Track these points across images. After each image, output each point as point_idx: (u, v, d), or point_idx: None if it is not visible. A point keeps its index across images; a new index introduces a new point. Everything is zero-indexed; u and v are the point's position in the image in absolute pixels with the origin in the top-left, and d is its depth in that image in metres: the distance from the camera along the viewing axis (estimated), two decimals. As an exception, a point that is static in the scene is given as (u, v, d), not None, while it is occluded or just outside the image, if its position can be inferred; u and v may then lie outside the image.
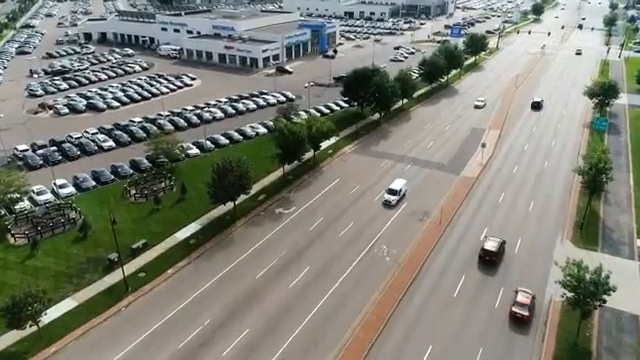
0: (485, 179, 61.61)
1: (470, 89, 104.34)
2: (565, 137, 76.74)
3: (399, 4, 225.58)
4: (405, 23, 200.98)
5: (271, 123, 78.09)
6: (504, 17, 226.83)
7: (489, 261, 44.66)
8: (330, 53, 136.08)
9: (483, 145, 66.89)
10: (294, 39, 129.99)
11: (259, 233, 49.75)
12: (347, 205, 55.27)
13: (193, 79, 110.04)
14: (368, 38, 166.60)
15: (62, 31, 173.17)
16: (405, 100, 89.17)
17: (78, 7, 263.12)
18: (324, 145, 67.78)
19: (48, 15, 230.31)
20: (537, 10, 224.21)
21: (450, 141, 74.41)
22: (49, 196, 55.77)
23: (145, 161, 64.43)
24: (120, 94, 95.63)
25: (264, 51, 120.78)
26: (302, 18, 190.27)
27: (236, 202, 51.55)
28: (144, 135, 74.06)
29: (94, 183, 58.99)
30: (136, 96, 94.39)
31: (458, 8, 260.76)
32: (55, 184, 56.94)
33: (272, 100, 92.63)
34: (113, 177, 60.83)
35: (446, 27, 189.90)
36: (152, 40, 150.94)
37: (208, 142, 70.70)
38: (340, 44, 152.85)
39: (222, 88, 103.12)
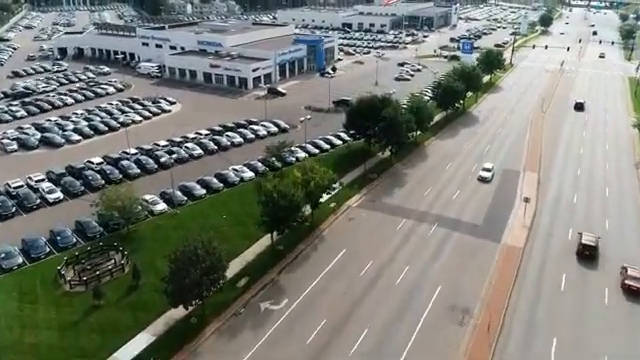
0: (535, 249, 47.47)
1: (491, 115, 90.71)
2: (619, 180, 63.27)
3: (400, 15, 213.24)
4: (407, 35, 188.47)
5: (260, 165, 64.34)
6: (510, 28, 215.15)
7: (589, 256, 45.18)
8: (328, 71, 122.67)
9: (526, 200, 52.95)
10: (288, 56, 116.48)
11: (236, 347, 35.42)
12: (358, 296, 40.78)
13: (172, 103, 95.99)
14: (369, 53, 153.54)
15: (38, 45, 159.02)
16: (419, 132, 75.51)
17: (61, 18, 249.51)
18: (325, 197, 53.79)
19: (28, 27, 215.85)
20: (545, 21, 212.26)
21: (480, 189, 60.42)
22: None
23: (94, 223, 49.95)
24: (83, 124, 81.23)
25: (254, 70, 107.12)
26: (297, 31, 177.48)
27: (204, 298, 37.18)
28: (102, 182, 59.92)
29: (21, 260, 44.60)
30: (102, 127, 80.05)
31: (460, 19, 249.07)
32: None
33: (262, 132, 78.61)
34: (49, 249, 46.54)
35: (452, 40, 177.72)
36: (132, 56, 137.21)
37: (178, 193, 56.47)
38: (339, 60, 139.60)
39: (205, 114, 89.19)
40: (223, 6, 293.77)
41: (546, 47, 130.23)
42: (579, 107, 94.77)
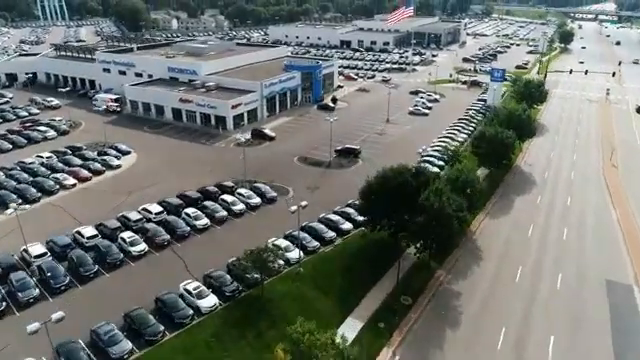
0: None
1: (547, 172, 67.78)
2: None
3: (404, 32, 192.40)
4: (414, 54, 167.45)
5: (230, 282, 41.27)
6: (525, 46, 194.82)
7: None
8: (327, 103, 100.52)
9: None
10: (278, 86, 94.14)
11: None
12: None
13: (125, 153, 73.18)
14: (373, 77, 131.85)
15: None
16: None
17: (32, 35, 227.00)
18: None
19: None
20: (565, 38, 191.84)
21: (585, 326, 37.59)
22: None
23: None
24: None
25: (235, 106, 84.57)
26: (290, 52, 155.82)
27: None
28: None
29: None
30: (12, 196, 56.95)
31: (469, 35, 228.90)
32: None
33: (238, 206, 55.64)
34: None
35: (465, 60, 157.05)
36: (93, 84, 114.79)
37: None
38: (339, 87, 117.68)
39: (165, 172, 66.48)
40: (211, 21, 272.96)
41: (586, 72, 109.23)
42: None
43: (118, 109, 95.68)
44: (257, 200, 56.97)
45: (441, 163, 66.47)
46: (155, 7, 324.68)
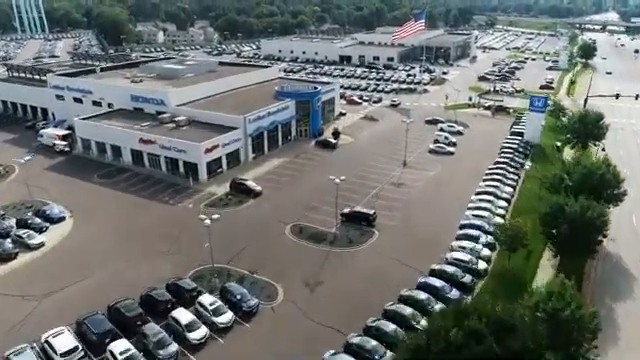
0: None
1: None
2: None
3: (409, 46, 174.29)
4: (422, 71, 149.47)
5: None
6: (541, 60, 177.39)
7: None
8: (328, 139, 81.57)
9: None
10: (267, 120, 75.14)
11: None
12: None
13: (58, 220, 53.86)
14: (380, 101, 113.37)
15: None
16: None
17: (1, 50, 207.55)
18: None
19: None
20: (587, 53, 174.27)
21: None
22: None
23: None
24: None
25: (210, 150, 65.47)
26: (284, 68, 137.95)
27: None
28: None
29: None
30: None
31: (478, 48, 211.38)
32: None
33: (196, 333, 35.92)
34: None
35: (481, 79, 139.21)
36: (45, 113, 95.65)
37: None
38: (341, 114, 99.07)
39: (109, 250, 47.32)
40: (200, 34, 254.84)
41: (637, 97, 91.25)
42: None
43: (67, 149, 76.51)
44: (228, 316, 37.51)
45: (489, 239, 47.72)
46: (144, 19, 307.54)
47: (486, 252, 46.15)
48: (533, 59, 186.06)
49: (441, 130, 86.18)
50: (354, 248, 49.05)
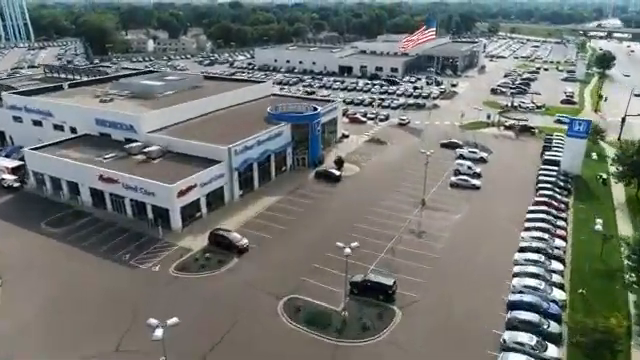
0: None
1: None
2: None
3: (414, 55, 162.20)
4: (428, 83, 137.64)
5: None
6: (554, 69, 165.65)
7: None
8: (330, 169, 68.98)
9: None
10: (257, 150, 62.44)
11: None
12: None
13: (-21, 294, 41.23)
14: (387, 119, 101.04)
15: None
16: None
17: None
18: None
19: None
20: (603, 62, 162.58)
21: None
22: None
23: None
24: None
25: (184, 192, 52.76)
26: (278, 84, 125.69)
27: None
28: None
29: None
30: None
31: (485, 57, 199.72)
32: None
33: None
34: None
35: (494, 92, 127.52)
36: (3, 137, 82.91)
37: None
38: (344, 137, 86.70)
39: (36, 341, 34.37)
40: (192, 42, 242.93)
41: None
42: None
43: (16, 184, 63.70)
44: None
45: (552, 327, 35.24)
46: (136, 26, 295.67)
47: (552, 352, 33.51)
48: (545, 69, 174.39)
49: (461, 157, 73.91)
50: (368, 340, 36.31)
